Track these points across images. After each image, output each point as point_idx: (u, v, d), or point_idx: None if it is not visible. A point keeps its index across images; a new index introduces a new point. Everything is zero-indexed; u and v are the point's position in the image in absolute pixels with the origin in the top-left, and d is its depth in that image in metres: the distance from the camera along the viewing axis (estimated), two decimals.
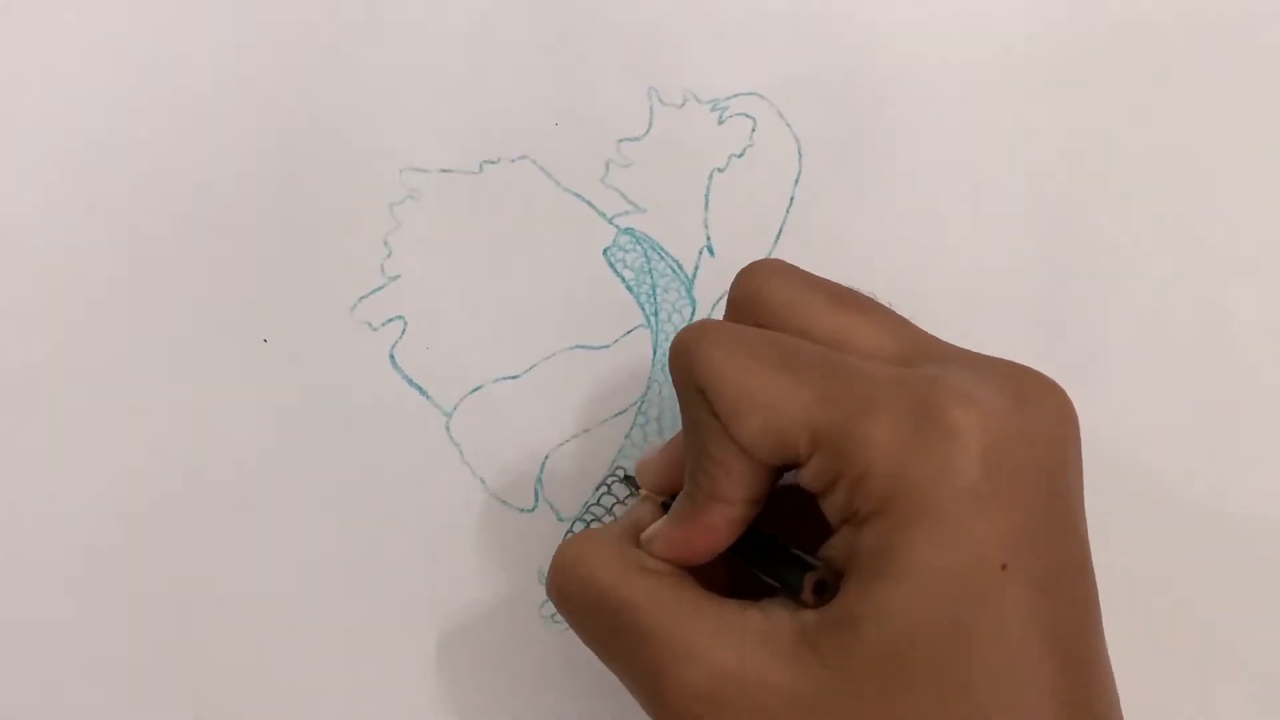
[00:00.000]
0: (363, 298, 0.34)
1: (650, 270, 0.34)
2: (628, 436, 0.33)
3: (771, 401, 0.24)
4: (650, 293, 0.34)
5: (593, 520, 0.33)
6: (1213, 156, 0.36)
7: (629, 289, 0.34)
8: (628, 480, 0.33)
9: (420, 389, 0.33)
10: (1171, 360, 0.34)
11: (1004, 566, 0.23)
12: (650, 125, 0.35)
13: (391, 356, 0.33)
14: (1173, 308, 0.35)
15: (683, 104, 0.35)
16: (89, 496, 0.32)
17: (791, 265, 0.27)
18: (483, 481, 0.33)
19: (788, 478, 0.26)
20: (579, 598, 0.27)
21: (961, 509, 0.23)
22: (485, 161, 0.35)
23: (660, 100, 0.35)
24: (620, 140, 0.35)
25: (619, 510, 0.33)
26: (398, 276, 0.34)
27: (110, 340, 0.33)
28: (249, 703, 0.32)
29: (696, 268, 0.34)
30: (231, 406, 0.33)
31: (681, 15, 0.36)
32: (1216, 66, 0.36)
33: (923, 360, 0.25)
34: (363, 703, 0.32)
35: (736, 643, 0.24)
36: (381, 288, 0.34)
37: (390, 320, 0.34)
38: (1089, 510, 0.25)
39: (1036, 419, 0.24)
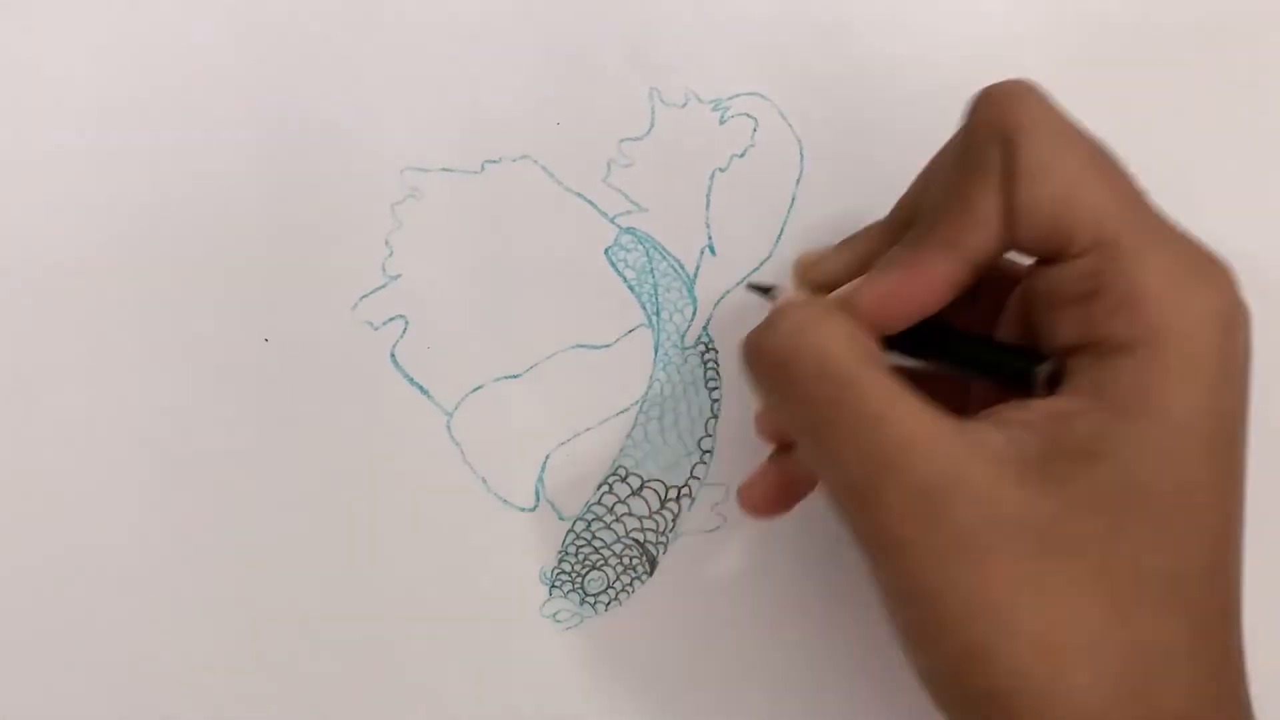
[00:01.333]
0: (364, 297, 0.34)
1: (652, 270, 0.34)
2: (629, 436, 0.33)
3: (1077, 178, 0.24)
4: (652, 292, 0.34)
5: (594, 520, 0.33)
6: (1214, 157, 0.35)
7: (630, 288, 0.34)
8: (762, 289, 0.30)
9: (421, 388, 0.33)
10: None
11: (1234, 441, 0.23)
12: (652, 125, 0.35)
13: (392, 356, 0.33)
14: None
15: (684, 104, 0.35)
16: (89, 496, 0.32)
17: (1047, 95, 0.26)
18: (483, 481, 0.33)
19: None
20: (807, 369, 0.24)
21: (1224, 368, 0.23)
22: (487, 161, 0.35)
23: (662, 100, 0.35)
24: (622, 140, 0.35)
25: (620, 510, 0.33)
26: (399, 276, 0.34)
27: (110, 340, 0.33)
28: (248, 703, 0.32)
29: (698, 267, 0.34)
30: (232, 406, 0.33)
31: (683, 15, 0.36)
32: (1217, 67, 0.36)
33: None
34: (362, 703, 0.32)
35: (967, 448, 0.23)
36: (382, 287, 0.34)
37: (391, 320, 0.34)
38: None
39: (1249, 321, 0.25)
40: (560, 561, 0.33)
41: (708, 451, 0.33)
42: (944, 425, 0.23)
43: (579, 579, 0.32)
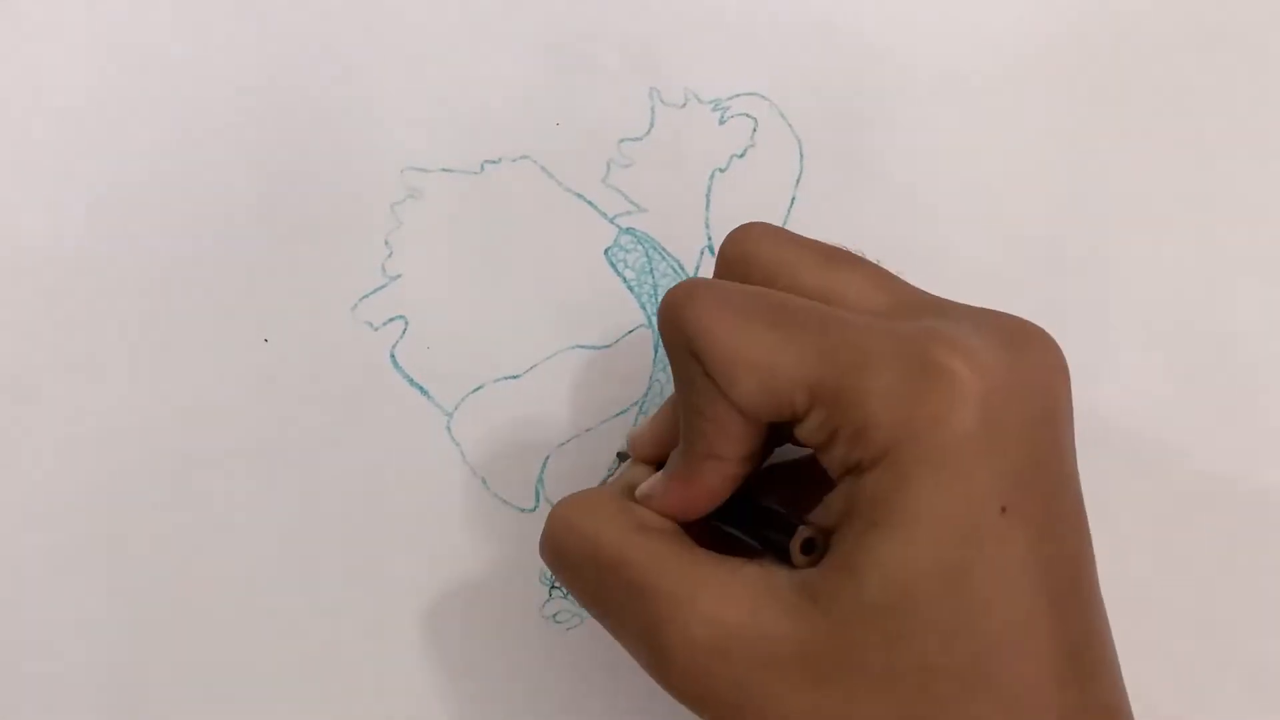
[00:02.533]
0: (364, 297, 0.34)
1: (651, 270, 0.34)
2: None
3: (766, 361, 0.24)
4: (651, 293, 0.34)
5: None
6: (1214, 156, 0.36)
7: (630, 289, 0.34)
8: (620, 456, 0.33)
9: (421, 388, 0.33)
10: (1174, 360, 0.34)
11: (1003, 510, 0.23)
12: (651, 125, 0.35)
13: (392, 356, 0.33)
14: (1176, 309, 0.34)
15: (684, 104, 0.35)
16: (88, 496, 0.32)
17: (779, 227, 0.28)
18: (483, 481, 0.33)
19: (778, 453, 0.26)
20: (577, 555, 0.26)
21: (960, 456, 0.23)
22: (486, 161, 0.35)
23: (661, 100, 0.35)
24: (621, 140, 0.35)
25: None
26: (399, 276, 0.34)
27: (110, 340, 0.33)
28: (247, 703, 0.32)
29: (698, 268, 0.34)
30: (232, 406, 0.33)
31: (683, 15, 0.36)
32: (1218, 67, 0.36)
33: (914, 313, 0.25)
34: (362, 702, 0.32)
35: (737, 595, 0.24)
36: (382, 287, 0.34)
37: (391, 320, 0.34)
38: (1089, 507, 0.25)
39: (1030, 367, 0.24)
40: None
41: None
42: (717, 577, 0.24)
43: None
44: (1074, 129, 0.36)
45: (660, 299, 0.33)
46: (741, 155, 0.35)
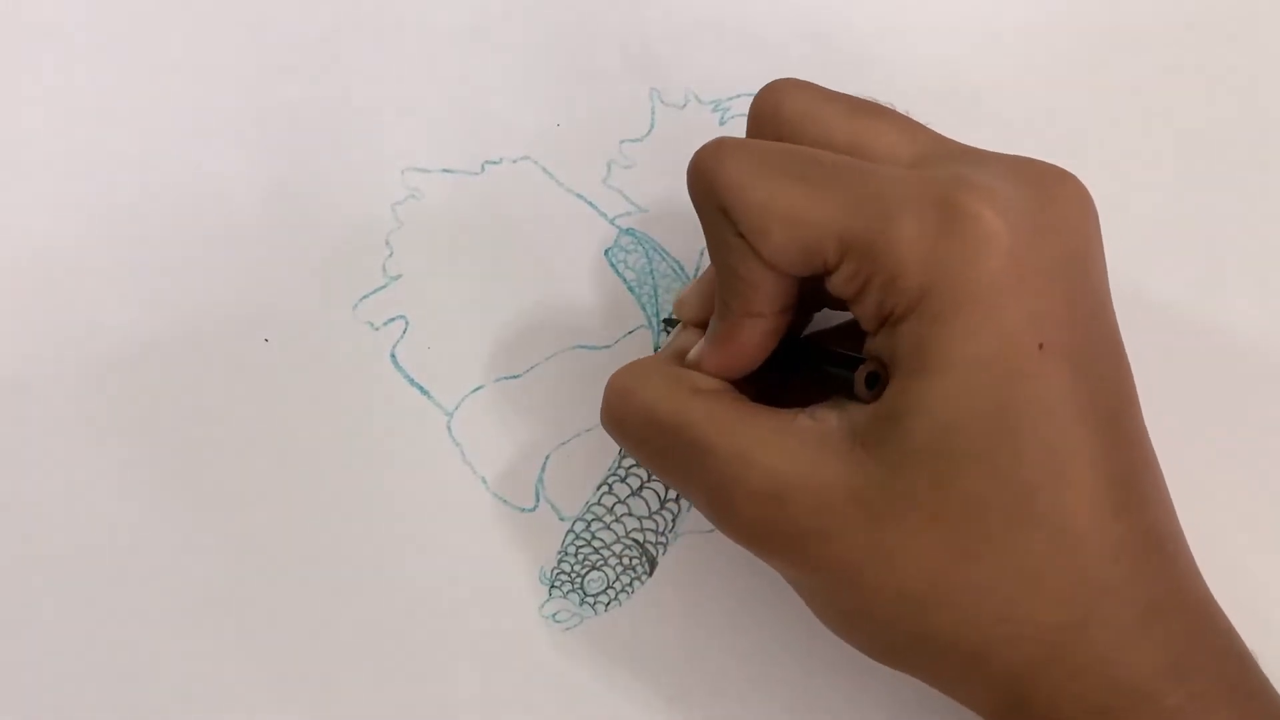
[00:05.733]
0: (364, 297, 0.34)
1: (652, 271, 0.34)
2: None
3: (796, 214, 0.24)
4: (651, 293, 0.34)
5: (593, 520, 0.33)
6: (1214, 156, 0.36)
7: (630, 290, 0.34)
8: (667, 323, 0.33)
9: (421, 388, 0.33)
10: (1174, 361, 0.34)
11: (1040, 346, 0.23)
12: (652, 126, 0.35)
13: (393, 356, 0.33)
14: (1176, 308, 0.34)
15: (684, 105, 0.35)
16: (87, 496, 0.32)
17: (809, 81, 0.28)
18: (483, 481, 0.33)
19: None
20: (637, 423, 0.27)
21: (993, 297, 0.23)
22: (487, 162, 0.35)
23: (662, 101, 0.35)
24: (622, 141, 0.35)
25: (620, 510, 0.33)
26: (399, 276, 0.34)
27: (110, 340, 0.33)
28: (246, 702, 0.32)
29: (698, 268, 0.34)
30: (232, 406, 0.33)
31: (683, 15, 0.36)
32: (1217, 66, 0.36)
33: (942, 161, 0.26)
34: (361, 703, 0.32)
35: (793, 447, 0.25)
36: (383, 287, 0.34)
37: (392, 320, 0.34)
38: None
39: (1058, 209, 0.25)
40: (560, 561, 0.33)
41: None
42: (772, 430, 0.25)
43: (579, 579, 0.32)
44: (1075, 127, 0.36)
45: (660, 300, 0.33)
46: None
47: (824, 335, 0.29)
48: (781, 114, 0.27)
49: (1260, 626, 0.33)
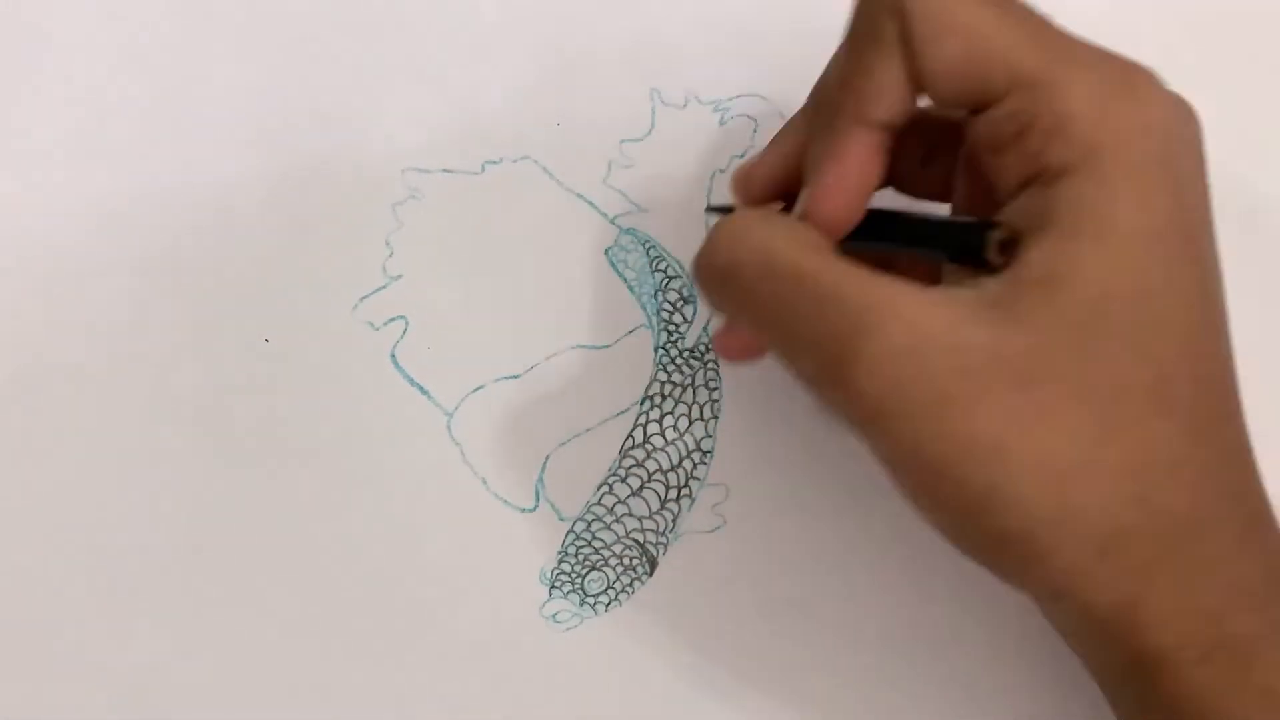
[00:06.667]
0: (364, 297, 0.34)
1: (652, 271, 0.34)
2: (629, 436, 0.33)
3: (979, 29, 0.24)
4: (652, 293, 0.34)
5: (594, 520, 0.33)
6: (1214, 156, 0.35)
7: (630, 289, 0.34)
8: (712, 211, 0.32)
9: (421, 388, 0.33)
10: None
11: (1188, 238, 0.23)
12: (652, 126, 0.35)
13: (393, 356, 0.33)
14: None
15: (684, 105, 0.35)
16: (87, 496, 0.32)
17: None
18: (483, 481, 0.33)
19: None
20: (752, 271, 0.25)
21: (1162, 174, 0.23)
22: (487, 161, 0.35)
23: (662, 101, 0.35)
24: (622, 141, 0.35)
25: (620, 510, 0.33)
26: (399, 276, 0.34)
27: (111, 340, 0.33)
28: (246, 702, 0.32)
29: None
30: (233, 406, 0.33)
31: (683, 16, 0.36)
32: (1217, 66, 0.36)
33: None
34: (361, 703, 0.32)
35: (932, 306, 0.23)
36: (383, 287, 0.34)
37: (392, 320, 0.34)
38: None
39: (1196, 125, 0.25)
40: (560, 562, 0.32)
41: (708, 452, 0.33)
42: (903, 289, 0.24)
43: (579, 579, 0.32)
44: None
45: (660, 299, 0.33)
46: (741, 156, 0.35)
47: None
48: None
49: None
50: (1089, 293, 0.23)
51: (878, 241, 0.26)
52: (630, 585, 0.32)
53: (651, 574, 0.33)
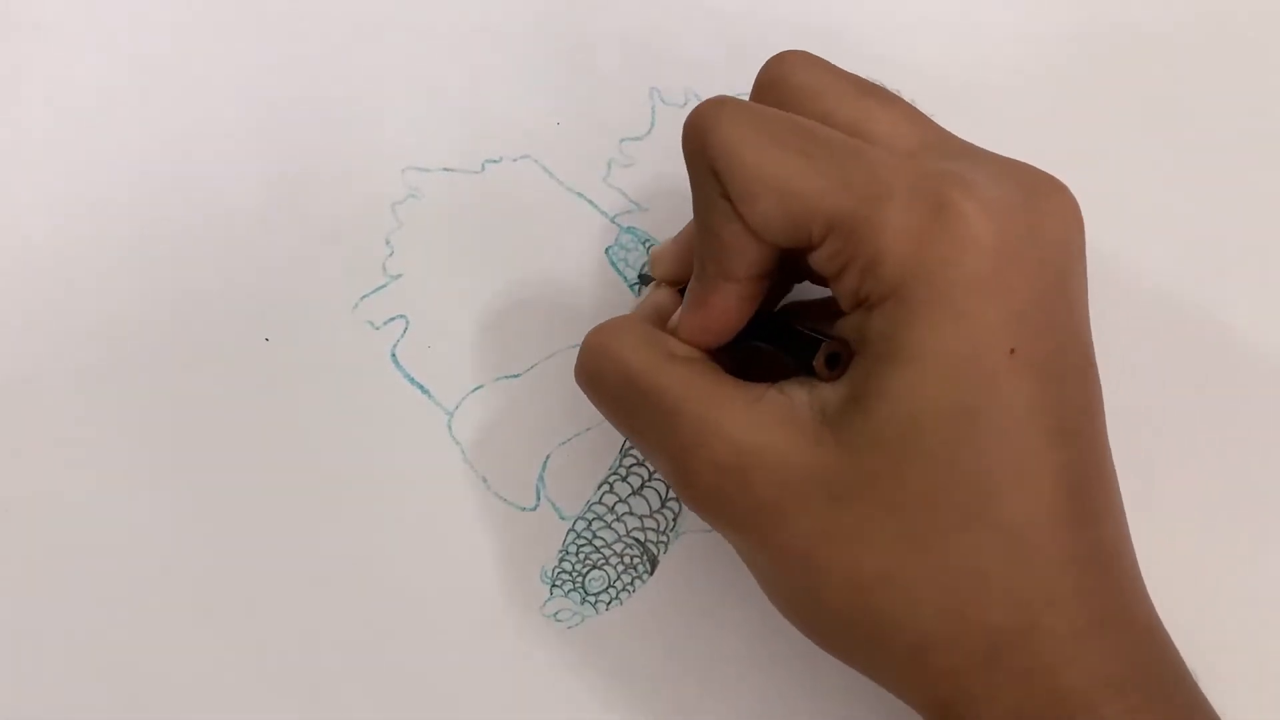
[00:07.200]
0: (364, 297, 0.34)
1: None
2: None
3: (786, 184, 0.24)
4: None
5: (594, 519, 0.33)
6: (1214, 156, 0.36)
7: (631, 288, 0.34)
8: (642, 278, 0.33)
9: (422, 388, 0.33)
10: (1173, 361, 0.34)
11: (1011, 351, 0.23)
12: (652, 125, 0.35)
13: (393, 355, 0.33)
14: (1175, 307, 0.34)
15: (685, 104, 0.35)
16: (87, 496, 0.32)
17: (818, 56, 0.28)
18: (484, 481, 0.33)
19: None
20: (611, 382, 0.27)
21: (970, 296, 0.23)
22: (487, 160, 0.35)
23: (662, 100, 0.35)
24: (622, 139, 0.35)
25: (620, 509, 0.33)
26: (399, 275, 0.34)
27: (111, 339, 0.33)
28: (246, 702, 0.32)
29: None
30: (233, 405, 0.33)
31: (683, 16, 0.36)
32: (1218, 68, 0.36)
33: (940, 155, 0.26)
34: (361, 703, 0.32)
35: (759, 421, 0.25)
36: (383, 287, 0.34)
37: (392, 319, 0.34)
38: None
39: (1045, 217, 0.25)
40: (561, 561, 0.32)
41: None
42: (741, 403, 0.25)
43: (580, 578, 0.32)
44: (1074, 130, 0.36)
45: None
46: None
47: (801, 309, 0.29)
48: (789, 83, 0.27)
49: (1261, 624, 0.33)
50: (899, 411, 0.23)
51: (751, 340, 0.28)
52: (631, 584, 0.32)
53: (652, 573, 0.33)
